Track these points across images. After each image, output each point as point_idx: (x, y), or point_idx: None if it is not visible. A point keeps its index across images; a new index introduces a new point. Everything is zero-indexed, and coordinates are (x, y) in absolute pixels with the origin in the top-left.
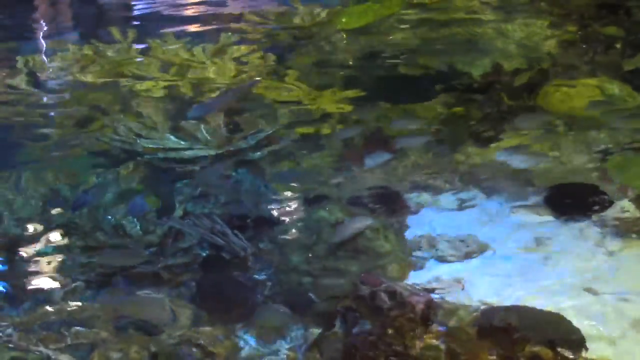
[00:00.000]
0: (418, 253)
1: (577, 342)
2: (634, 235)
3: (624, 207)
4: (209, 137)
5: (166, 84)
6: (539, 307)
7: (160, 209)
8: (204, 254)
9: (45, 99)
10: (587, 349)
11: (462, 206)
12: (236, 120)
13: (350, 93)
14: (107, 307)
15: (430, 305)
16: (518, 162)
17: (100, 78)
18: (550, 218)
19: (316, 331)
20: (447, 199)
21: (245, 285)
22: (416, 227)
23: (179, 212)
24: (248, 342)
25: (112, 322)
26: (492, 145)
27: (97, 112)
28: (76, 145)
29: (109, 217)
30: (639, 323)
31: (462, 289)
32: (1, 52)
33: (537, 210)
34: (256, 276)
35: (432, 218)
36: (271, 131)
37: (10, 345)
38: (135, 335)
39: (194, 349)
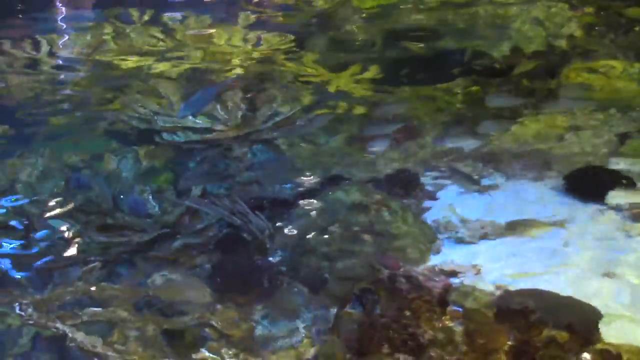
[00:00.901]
0: (436, 235)
1: (593, 326)
2: None
3: None
4: (227, 117)
5: (185, 64)
6: (556, 290)
7: (178, 188)
8: (222, 234)
9: (64, 77)
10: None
11: (481, 189)
12: (254, 100)
13: (369, 74)
14: (127, 289)
15: (447, 288)
16: (537, 144)
17: (119, 58)
18: (569, 201)
19: (334, 313)
20: (465, 182)
21: (263, 267)
22: (435, 210)
23: (196, 192)
24: (264, 323)
25: (131, 302)
26: (512, 127)
27: (116, 91)
28: (96, 125)
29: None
30: None
31: (479, 272)
32: (21, 29)
33: (556, 192)
34: (274, 258)
35: (451, 201)
36: (291, 112)
37: (31, 322)
38: (153, 316)
39: (210, 330)
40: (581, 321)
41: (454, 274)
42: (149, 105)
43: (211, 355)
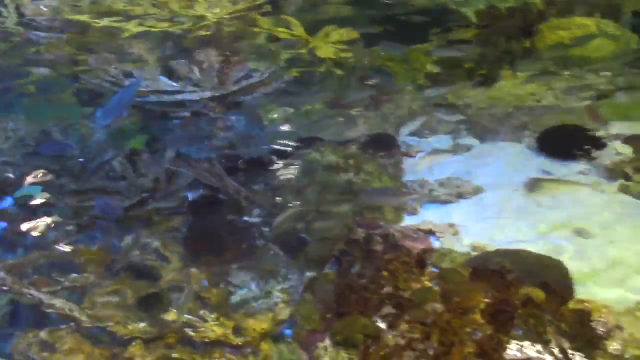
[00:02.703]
0: (412, 195)
1: (568, 284)
2: (627, 177)
3: (617, 149)
4: (201, 79)
5: (160, 24)
6: (532, 249)
7: (152, 150)
8: (197, 196)
9: (34, 38)
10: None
11: (456, 149)
12: (229, 61)
13: (344, 33)
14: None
15: (425, 248)
16: (511, 105)
17: (90, 17)
18: (544, 160)
19: (310, 273)
20: (442, 143)
21: (238, 228)
22: (411, 170)
23: (171, 154)
24: (239, 285)
25: (105, 265)
26: (488, 87)
27: (87, 52)
28: (68, 88)
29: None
30: (628, 265)
31: (456, 232)
32: None
33: (531, 152)
34: (250, 219)
35: (426, 161)
36: (267, 73)
37: (5, 288)
38: (127, 279)
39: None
40: (556, 280)
41: (431, 233)
42: (122, 67)
43: (186, 316)
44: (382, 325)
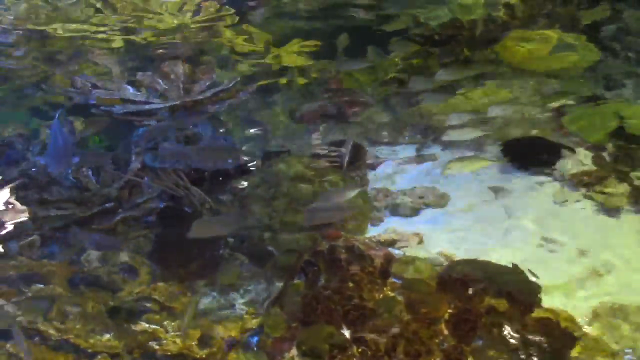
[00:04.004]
0: (376, 205)
1: (532, 293)
2: (589, 187)
3: (580, 160)
4: (167, 89)
5: (123, 35)
6: (497, 259)
7: (117, 161)
8: (162, 207)
9: None
10: (541, 300)
11: (420, 159)
12: (195, 72)
13: (309, 44)
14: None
15: (388, 258)
16: (476, 114)
17: (54, 28)
18: (507, 170)
19: (278, 285)
20: (406, 153)
21: (204, 240)
22: (375, 181)
23: (136, 164)
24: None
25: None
26: (451, 97)
27: (51, 63)
28: (31, 97)
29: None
30: (594, 273)
31: (421, 241)
32: None
33: (495, 162)
34: None
35: (391, 170)
36: (231, 84)
37: None
38: (91, 292)
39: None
40: (521, 290)
41: (394, 243)
42: (85, 77)
43: (152, 326)
44: (348, 334)
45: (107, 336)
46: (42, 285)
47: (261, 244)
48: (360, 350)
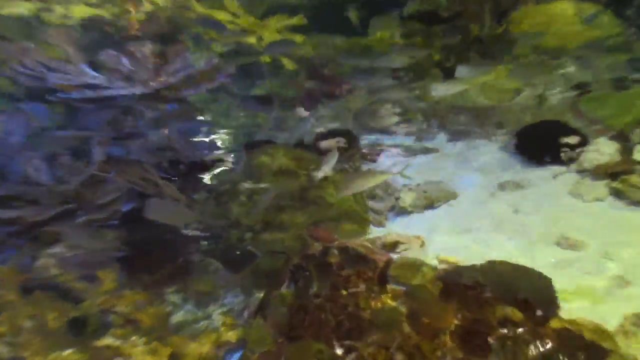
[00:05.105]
0: (376, 203)
1: (552, 301)
2: (613, 179)
3: (599, 149)
4: (134, 71)
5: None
6: (508, 260)
7: (78, 153)
8: (130, 207)
9: None
10: (560, 308)
11: (424, 150)
12: (165, 52)
13: (295, 20)
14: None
15: (388, 263)
16: (486, 100)
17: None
18: (520, 162)
19: (259, 294)
20: (408, 142)
21: (176, 243)
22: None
23: (100, 157)
24: (177, 306)
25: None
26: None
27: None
28: None
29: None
30: (619, 277)
31: (423, 243)
32: None
33: (507, 153)
34: (189, 232)
35: (392, 164)
36: (208, 65)
37: None
38: (49, 302)
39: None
40: (539, 298)
41: (395, 245)
42: (39, 59)
43: (117, 341)
44: (339, 350)
45: (68, 352)
46: None
47: (240, 246)
48: None
